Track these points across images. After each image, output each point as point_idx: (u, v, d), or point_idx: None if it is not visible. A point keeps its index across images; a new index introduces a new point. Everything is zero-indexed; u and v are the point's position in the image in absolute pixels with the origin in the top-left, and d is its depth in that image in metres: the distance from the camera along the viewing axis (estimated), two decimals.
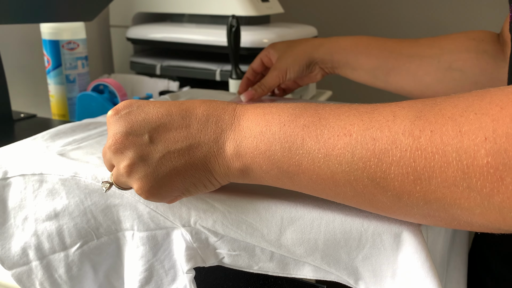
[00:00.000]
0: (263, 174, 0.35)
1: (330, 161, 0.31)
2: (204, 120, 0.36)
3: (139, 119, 0.36)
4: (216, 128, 0.35)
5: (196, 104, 0.37)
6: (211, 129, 0.35)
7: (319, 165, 0.31)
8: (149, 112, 0.36)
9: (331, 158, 0.31)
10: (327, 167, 0.31)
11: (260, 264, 0.40)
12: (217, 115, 0.36)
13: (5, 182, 0.45)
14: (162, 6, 1.11)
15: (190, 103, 0.37)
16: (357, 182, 0.31)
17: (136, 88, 1.03)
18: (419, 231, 0.34)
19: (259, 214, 0.37)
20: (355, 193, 0.31)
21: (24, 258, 0.46)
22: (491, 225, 0.28)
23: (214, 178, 0.36)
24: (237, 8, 1.01)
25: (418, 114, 0.29)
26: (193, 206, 0.39)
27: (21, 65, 1.00)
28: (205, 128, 0.35)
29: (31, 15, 0.73)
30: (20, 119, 0.81)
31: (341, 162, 0.31)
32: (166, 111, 0.36)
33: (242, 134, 0.35)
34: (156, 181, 0.36)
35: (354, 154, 0.30)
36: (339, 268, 0.37)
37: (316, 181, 0.32)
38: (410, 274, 0.34)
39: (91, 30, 1.14)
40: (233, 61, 0.86)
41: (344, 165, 0.30)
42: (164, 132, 0.36)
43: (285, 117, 0.34)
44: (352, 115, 0.31)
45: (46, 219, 0.44)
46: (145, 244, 0.42)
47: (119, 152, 0.36)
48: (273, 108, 0.35)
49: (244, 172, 0.35)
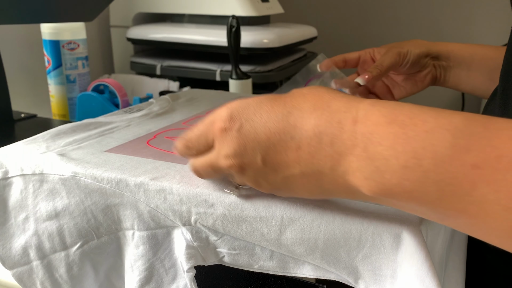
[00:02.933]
0: (403, 206, 0.29)
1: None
2: (316, 141, 0.30)
3: (250, 140, 0.32)
4: (332, 152, 0.29)
5: (305, 115, 0.31)
6: (326, 154, 0.29)
7: (496, 216, 0.24)
8: (257, 128, 0.32)
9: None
10: (506, 220, 0.24)
11: (260, 263, 0.40)
12: (332, 133, 0.29)
13: (6, 182, 0.45)
14: (162, 6, 1.11)
15: (298, 113, 0.31)
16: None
17: (136, 88, 1.03)
18: (419, 230, 0.34)
19: (259, 213, 0.38)
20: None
21: (25, 257, 0.46)
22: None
23: (336, 197, 0.34)
24: (237, 8, 1.01)
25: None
26: (193, 205, 0.39)
27: (21, 65, 1.00)
28: (317, 152, 0.30)
29: (32, 15, 0.74)
30: (21, 119, 0.81)
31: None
32: (274, 128, 0.31)
33: (373, 164, 0.27)
34: (281, 193, 0.35)
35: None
36: (339, 267, 0.37)
37: (486, 229, 0.26)
38: (410, 274, 0.34)
39: (91, 30, 1.14)
40: (233, 61, 0.87)
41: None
42: (275, 154, 0.32)
43: (442, 148, 0.25)
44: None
45: (46, 218, 0.45)
46: (146, 243, 0.42)
47: (240, 173, 0.34)
48: (418, 128, 0.26)
49: (377, 200, 0.30)
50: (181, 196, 0.39)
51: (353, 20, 1.56)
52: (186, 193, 0.39)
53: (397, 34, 1.52)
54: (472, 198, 0.24)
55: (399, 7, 1.50)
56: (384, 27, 1.53)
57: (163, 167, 0.43)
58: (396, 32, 1.52)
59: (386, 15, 1.52)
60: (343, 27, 1.58)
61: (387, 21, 1.52)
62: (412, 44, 0.63)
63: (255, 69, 0.98)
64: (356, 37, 1.57)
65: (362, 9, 1.54)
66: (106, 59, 1.23)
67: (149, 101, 0.66)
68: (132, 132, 0.54)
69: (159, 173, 0.42)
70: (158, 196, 0.40)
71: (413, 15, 1.49)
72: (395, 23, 1.52)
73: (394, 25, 1.52)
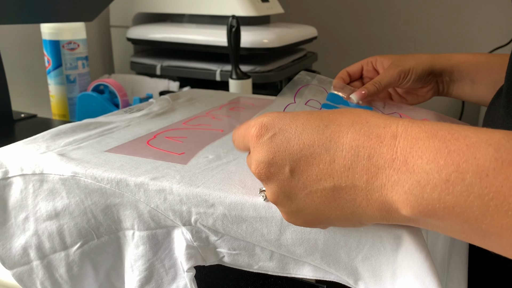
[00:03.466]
0: (441, 225, 0.27)
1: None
2: (352, 154, 0.29)
3: (281, 149, 0.32)
4: (369, 165, 0.28)
5: (343, 129, 0.30)
6: (362, 167, 0.28)
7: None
8: (290, 139, 0.31)
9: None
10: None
11: (260, 264, 0.40)
12: (370, 146, 0.28)
13: (6, 182, 0.45)
14: (162, 6, 1.11)
15: (336, 127, 0.30)
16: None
17: (136, 88, 1.03)
18: (419, 231, 0.34)
19: (259, 213, 0.38)
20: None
21: (25, 257, 0.46)
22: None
23: (366, 221, 0.31)
24: (237, 8, 1.01)
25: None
26: (193, 205, 0.39)
27: (21, 65, 1.00)
28: (353, 165, 0.29)
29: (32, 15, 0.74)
30: (21, 119, 0.81)
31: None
32: (308, 139, 0.31)
33: (414, 178, 0.26)
34: (300, 217, 0.33)
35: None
36: (338, 268, 0.37)
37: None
38: (410, 274, 0.34)
39: (91, 30, 1.14)
40: (233, 61, 0.87)
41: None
42: (306, 166, 0.31)
43: (486, 162, 0.24)
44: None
45: (46, 218, 0.45)
46: (146, 243, 0.42)
47: (264, 182, 0.34)
48: (460, 143, 0.25)
49: (412, 221, 0.29)
50: (181, 196, 0.39)
51: (353, 20, 1.56)
52: (186, 193, 0.39)
53: (397, 34, 1.52)
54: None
55: (399, 7, 1.50)
56: (384, 27, 1.53)
57: (163, 167, 0.43)
58: (396, 32, 1.52)
59: (386, 15, 1.52)
60: (343, 27, 1.58)
61: (387, 21, 1.52)
62: (416, 61, 0.61)
63: (255, 69, 0.98)
64: (356, 37, 1.57)
65: (362, 9, 1.54)
66: (106, 59, 1.24)
67: (149, 101, 0.67)
68: (132, 132, 0.54)
69: (159, 173, 0.42)
70: (158, 196, 0.40)
71: (413, 15, 1.49)
72: (395, 23, 1.52)
73: (394, 25, 1.52)
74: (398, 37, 1.51)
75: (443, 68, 0.61)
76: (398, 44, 1.52)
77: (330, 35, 1.56)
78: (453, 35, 1.45)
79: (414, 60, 0.60)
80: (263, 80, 0.99)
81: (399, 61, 0.61)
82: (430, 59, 0.61)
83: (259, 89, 0.99)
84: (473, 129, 0.26)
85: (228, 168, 0.43)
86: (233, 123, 0.59)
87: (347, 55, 1.59)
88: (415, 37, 1.50)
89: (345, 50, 1.59)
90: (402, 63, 0.60)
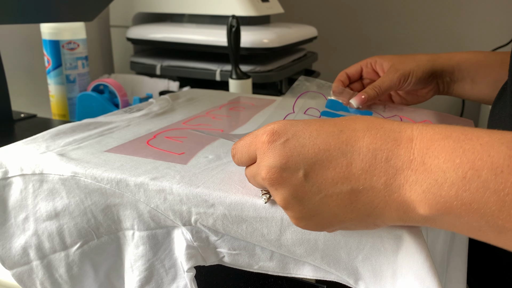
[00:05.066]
0: (457, 223, 0.28)
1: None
2: (370, 157, 0.29)
3: (295, 154, 0.31)
4: (387, 167, 0.29)
5: (358, 134, 0.30)
6: (380, 169, 0.29)
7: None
8: (305, 144, 0.31)
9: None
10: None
11: (260, 264, 0.40)
12: (388, 149, 0.29)
13: (6, 182, 0.45)
14: (162, 6, 1.11)
15: (351, 132, 0.31)
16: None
17: (136, 88, 1.03)
18: (419, 231, 0.34)
19: (259, 213, 0.38)
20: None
21: (25, 257, 0.46)
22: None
23: (381, 222, 0.31)
24: (237, 8, 1.01)
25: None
26: (193, 205, 0.39)
27: (21, 65, 1.00)
28: (371, 167, 0.29)
29: (31, 15, 0.73)
30: (20, 119, 0.81)
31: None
32: (323, 144, 0.31)
33: (431, 177, 0.27)
34: (311, 221, 0.32)
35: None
36: (339, 268, 0.37)
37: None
38: (410, 274, 0.34)
39: (91, 30, 1.14)
40: (233, 61, 0.87)
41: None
42: (321, 170, 0.30)
43: (499, 159, 0.25)
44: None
45: (46, 218, 0.45)
46: (146, 243, 0.42)
47: (274, 187, 0.33)
48: (474, 142, 0.27)
49: (429, 220, 0.29)
50: (181, 196, 0.39)
51: (353, 20, 1.56)
52: (186, 193, 0.39)
53: (397, 34, 1.52)
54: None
55: (399, 7, 1.50)
56: (384, 27, 1.53)
57: (163, 167, 0.43)
58: (396, 32, 1.52)
59: (386, 15, 1.52)
60: (343, 27, 1.58)
61: (387, 21, 1.52)
62: (416, 63, 0.61)
63: (255, 69, 0.98)
64: (356, 37, 1.57)
65: (362, 9, 1.54)
66: (106, 59, 1.23)
67: (149, 101, 0.66)
68: (132, 132, 0.54)
69: (159, 173, 0.42)
70: (158, 196, 0.40)
71: (413, 15, 1.49)
72: (395, 23, 1.52)
73: (394, 25, 1.52)
74: (398, 37, 1.51)
75: (444, 68, 0.61)
76: (398, 44, 1.52)
77: (330, 35, 1.56)
78: (453, 35, 1.45)
79: (415, 63, 0.60)
80: (263, 80, 0.98)
81: (399, 64, 0.61)
82: (430, 60, 0.61)
83: (259, 89, 0.99)
84: (485, 130, 0.27)
85: (228, 168, 0.43)
86: (233, 123, 0.59)
87: (347, 55, 1.59)
88: (415, 37, 1.50)
89: (345, 50, 1.59)
90: (402, 66, 0.60)
